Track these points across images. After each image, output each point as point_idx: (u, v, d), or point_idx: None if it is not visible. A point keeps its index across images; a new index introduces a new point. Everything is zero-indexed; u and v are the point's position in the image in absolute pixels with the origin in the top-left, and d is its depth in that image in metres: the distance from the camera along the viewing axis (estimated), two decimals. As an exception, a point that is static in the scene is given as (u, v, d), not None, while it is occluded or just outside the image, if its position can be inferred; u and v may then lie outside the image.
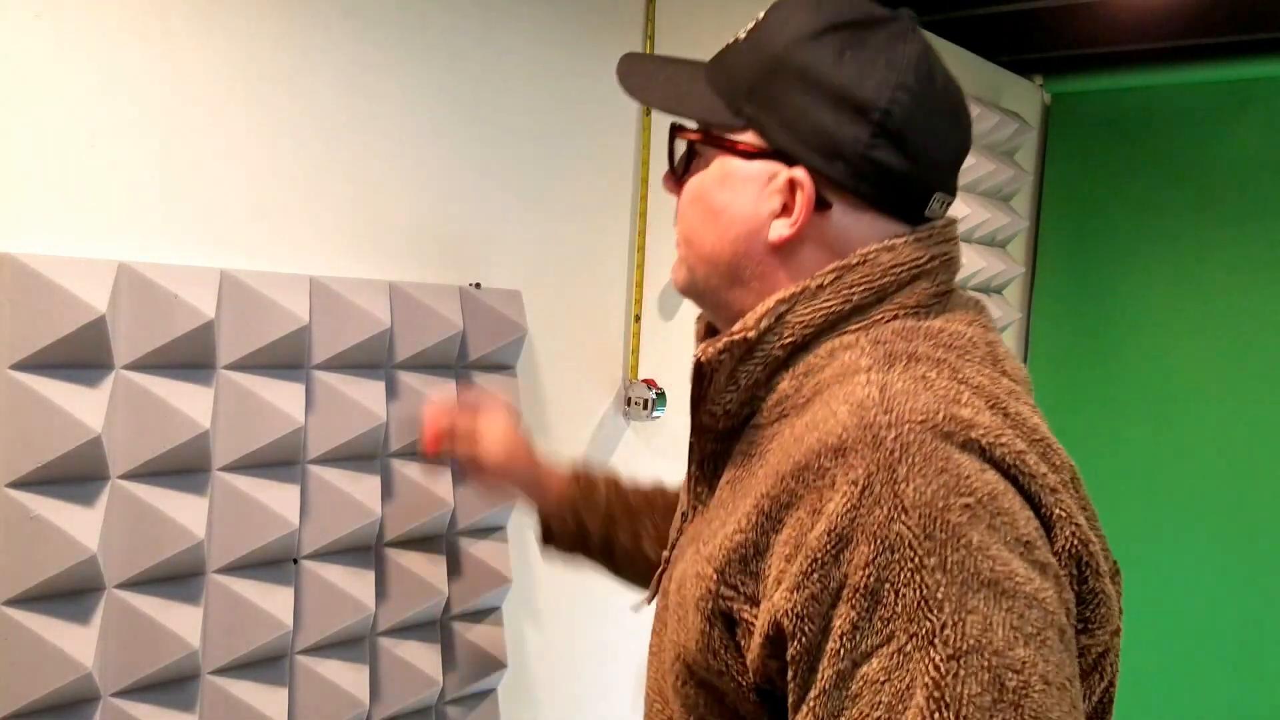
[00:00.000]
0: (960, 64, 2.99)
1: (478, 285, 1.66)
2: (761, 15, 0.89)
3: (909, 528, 0.69)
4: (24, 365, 1.16)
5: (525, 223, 1.79)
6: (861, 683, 0.70)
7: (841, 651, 0.70)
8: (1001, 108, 3.06)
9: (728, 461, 0.89)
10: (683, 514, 0.98)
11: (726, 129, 0.87)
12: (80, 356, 1.20)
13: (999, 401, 0.78)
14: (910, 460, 0.71)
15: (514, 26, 1.73)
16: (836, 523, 0.72)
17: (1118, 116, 3.27)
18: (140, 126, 1.29)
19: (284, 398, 1.38)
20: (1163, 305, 3.20)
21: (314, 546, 1.45)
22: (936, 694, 0.67)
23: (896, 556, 0.69)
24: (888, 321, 0.83)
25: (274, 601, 1.38)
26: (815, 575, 0.72)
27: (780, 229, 0.85)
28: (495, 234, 1.74)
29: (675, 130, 0.92)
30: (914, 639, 0.68)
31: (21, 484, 1.17)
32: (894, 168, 0.83)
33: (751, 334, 0.83)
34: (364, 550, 1.51)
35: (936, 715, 0.66)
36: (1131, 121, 3.25)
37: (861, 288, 0.83)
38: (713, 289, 0.91)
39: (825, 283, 0.83)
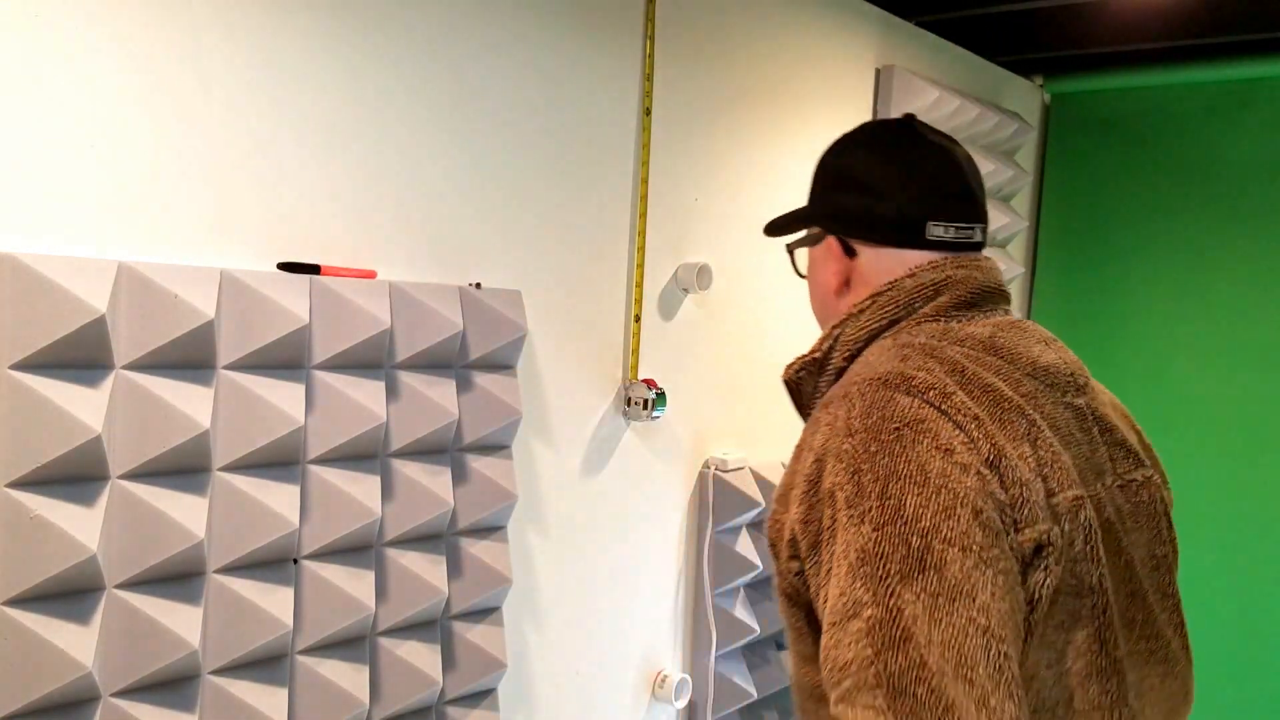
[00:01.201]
0: (960, 64, 2.99)
1: (478, 285, 1.66)
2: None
3: (853, 446, 0.97)
4: (24, 365, 1.16)
5: (525, 223, 1.79)
6: (834, 559, 0.95)
7: (828, 540, 0.96)
8: (1001, 108, 3.06)
9: None
10: None
11: (799, 235, 1.27)
12: (80, 356, 1.20)
13: (960, 368, 1.04)
14: (864, 402, 1.01)
15: (515, 27, 1.73)
16: (818, 452, 1.01)
17: (1118, 116, 3.27)
18: (140, 126, 1.29)
19: (284, 398, 1.38)
20: (1162, 304, 3.20)
21: (314, 546, 1.45)
22: (863, 553, 0.92)
23: (844, 465, 0.97)
24: (917, 325, 1.12)
25: (274, 601, 1.38)
26: (811, 491, 1.00)
27: (832, 281, 1.20)
28: (495, 234, 1.74)
29: (792, 249, 1.31)
30: (852, 519, 0.94)
31: (21, 484, 1.17)
32: (886, 214, 1.16)
33: (818, 354, 1.17)
34: (364, 550, 1.51)
35: (863, 568, 0.92)
36: (1131, 121, 3.25)
37: (891, 306, 1.13)
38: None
39: (865, 308, 1.14)
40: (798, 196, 2.45)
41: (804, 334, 2.48)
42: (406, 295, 1.53)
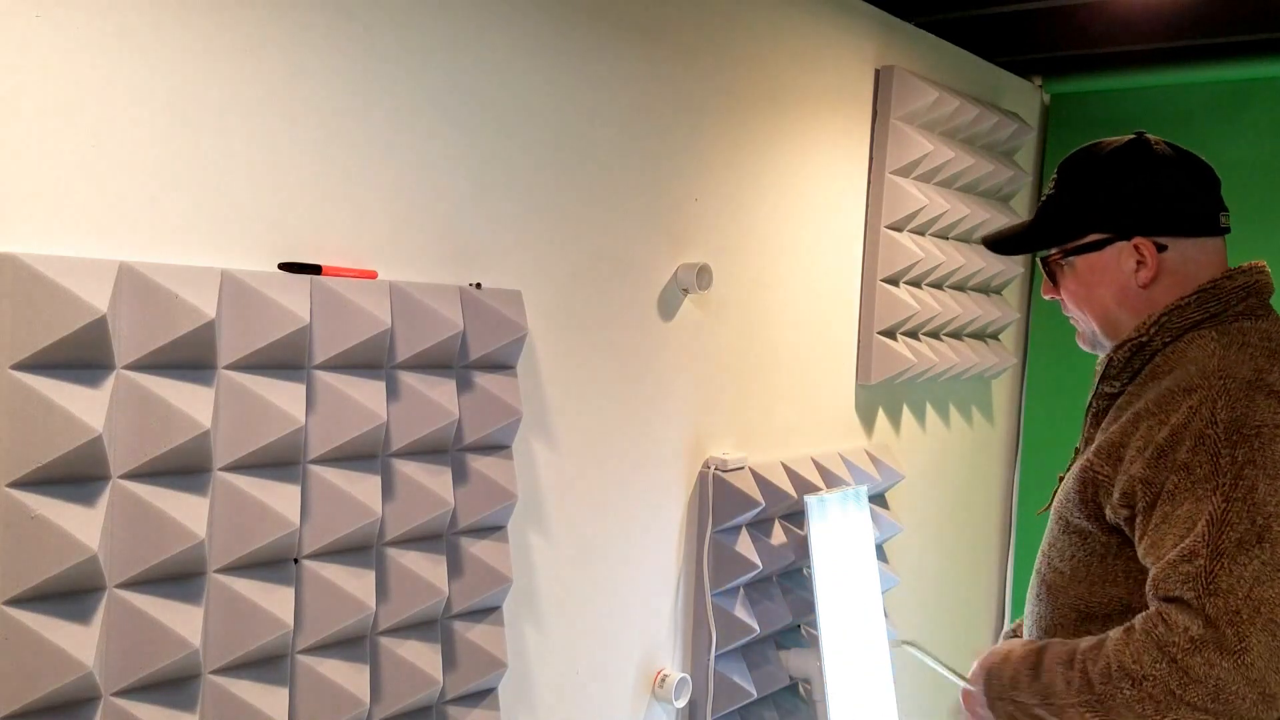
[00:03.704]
0: (960, 64, 2.99)
1: (478, 285, 1.66)
2: (1058, 176, 1.47)
3: (1216, 434, 1.20)
4: (25, 365, 1.16)
5: (526, 223, 1.79)
6: (1178, 517, 1.20)
7: (1171, 500, 1.21)
8: (1001, 108, 3.06)
9: (1110, 412, 1.40)
10: (1076, 450, 1.49)
11: (1078, 241, 1.42)
12: (81, 356, 1.20)
13: None
14: (1229, 396, 1.22)
15: (514, 29, 1.73)
16: (1177, 430, 1.23)
17: (1117, 116, 3.27)
18: (140, 126, 1.30)
19: (284, 398, 1.38)
20: (1162, 305, 3.19)
21: (314, 546, 1.45)
22: (1211, 519, 1.17)
23: (1206, 448, 1.20)
24: (1230, 322, 1.33)
25: (274, 601, 1.39)
26: (1161, 459, 1.23)
27: (1143, 276, 1.38)
28: (495, 234, 1.74)
29: (1045, 261, 1.48)
30: (1206, 491, 1.18)
31: (22, 484, 1.17)
32: (1192, 211, 1.37)
33: (1144, 337, 1.36)
34: (364, 550, 1.51)
35: (1209, 530, 1.16)
36: (1131, 121, 3.23)
37: (1214, 302, 1.34)
38: (1108, 332, 1.44)
39: (1192, 301, 1.34)
40: (798, 198, 2.46)
41: (803, 333, 2.48)
42: (407, 295, 1.54)
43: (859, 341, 2.69)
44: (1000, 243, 1.55)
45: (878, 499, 2.73)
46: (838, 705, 2.22)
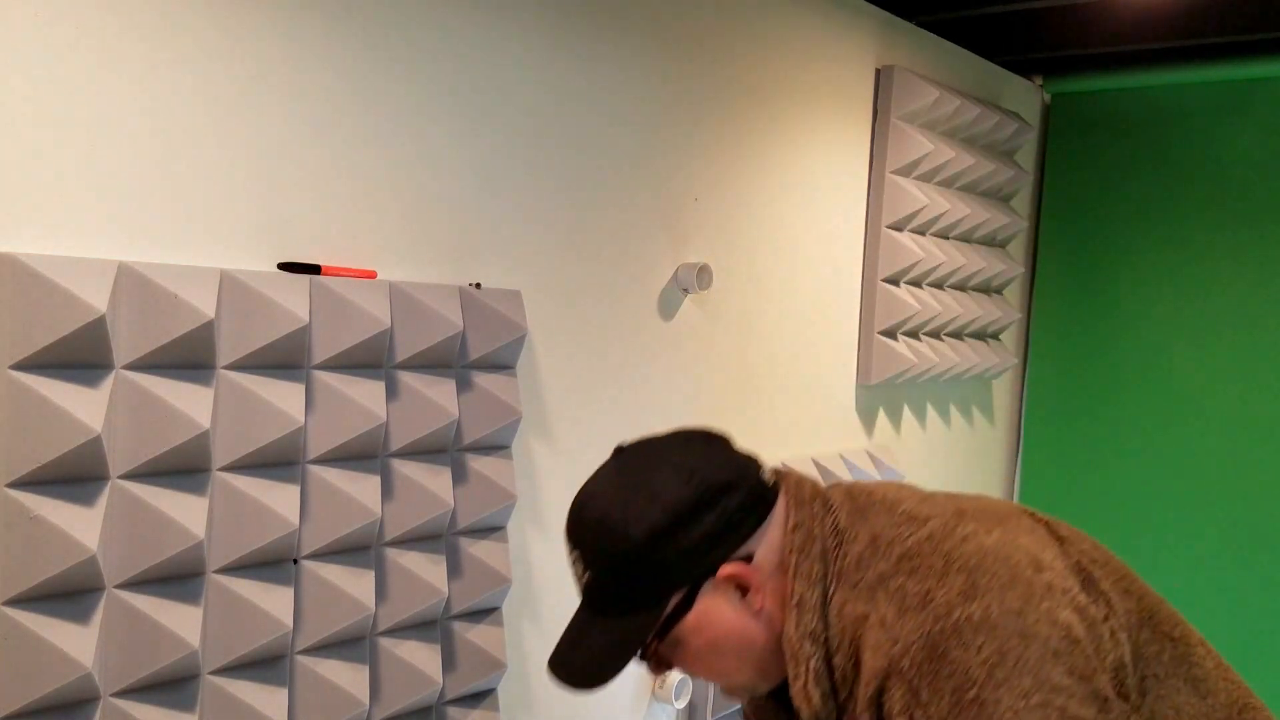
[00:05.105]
0: (960, 64, 2.99)
1: (478, 285, 1.66)
2: (585, 557, 1.11)
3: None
4: (24, 365, 1.16)
5: (525, 223, 1.79)
6: None
7: None
8: (1001, 108, 3.06)
9: None
10: None
11: (661, 617, 1.10)
12: (80, 356, 1.20)
13: (964, 569, 1.01)
14: (923, 678, 0.97)
15: (514, 28, 1.73)
16: None
17: (1117, 117, 3.27)
18: (140, 126, 1.29)
19: (284, 398, 1.38)
20: (1163, 304, 3.20)
21: (314, 546, 1.45)
22: None
23: None
24: (831, 563, 1.08)
25: (274, 601, 1.38)
26: None
27: (756, 602, 1.09)
28: (495, 234, 1.74)
29: (641, 658, 1.14)
30: None
31: (21, 484, 1.17)
32: (751, 506, 1.11)
33: (816, 661, 1.06)
34: (364, 550, 1.51)
35: None
36: (1131, 122, 3.25)
37: (818, 569, 1.08)
38: (769, 674, 1.13)
39: (799, 590, 1.07)
40: (798, 198, 2.45)
41: (803, 333, 2.48)
42: (406, 295, 1.53)
43: (859, 341, 2.69)
44: (582, 675, 1.18)
45: (878, 499, 2.72)
46: (838, 705, 2.22)
